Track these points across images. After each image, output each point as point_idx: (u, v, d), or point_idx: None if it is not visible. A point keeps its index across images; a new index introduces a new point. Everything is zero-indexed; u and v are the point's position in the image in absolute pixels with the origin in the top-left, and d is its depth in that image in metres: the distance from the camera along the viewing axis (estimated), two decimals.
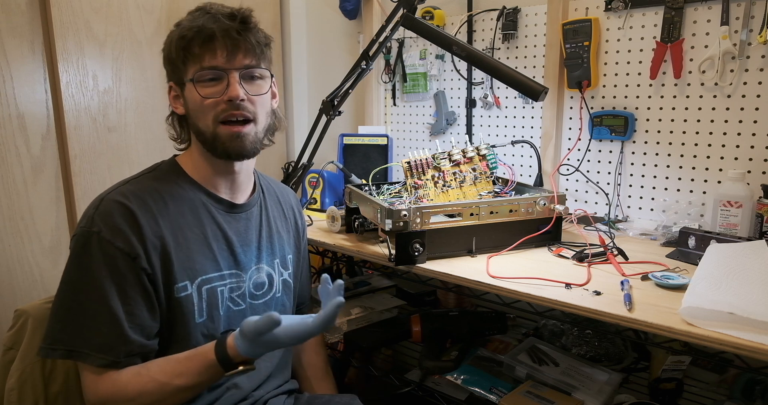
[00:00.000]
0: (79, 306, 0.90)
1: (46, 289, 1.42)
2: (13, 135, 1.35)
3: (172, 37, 0.98)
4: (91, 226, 0.91)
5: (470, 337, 1.44)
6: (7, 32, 1.32)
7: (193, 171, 1.04)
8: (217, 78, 0.96)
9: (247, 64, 0.98)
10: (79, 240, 0.91)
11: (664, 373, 1.30)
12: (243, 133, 0.98)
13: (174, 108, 1.04)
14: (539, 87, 1.24)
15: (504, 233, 1.25)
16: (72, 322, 0.89)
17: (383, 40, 1.44)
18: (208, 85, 0.96)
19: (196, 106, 0.97)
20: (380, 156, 1.79)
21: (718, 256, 1.04)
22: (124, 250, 0.90)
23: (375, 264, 1.56)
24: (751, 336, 0.79)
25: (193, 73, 0.96)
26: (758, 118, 1.29)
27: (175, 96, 1.03)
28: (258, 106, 1.00)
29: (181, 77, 0.99)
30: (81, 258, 0.90)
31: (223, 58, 0.95)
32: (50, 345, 0.89)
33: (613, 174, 1.54)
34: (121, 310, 0.90)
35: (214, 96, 0.96)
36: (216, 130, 0.97)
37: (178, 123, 1.07)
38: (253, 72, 0.99)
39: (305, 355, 1.29)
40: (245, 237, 1.07)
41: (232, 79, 0.96)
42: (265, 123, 1.04)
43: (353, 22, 2.02)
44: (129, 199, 0.93)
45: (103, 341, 0.89)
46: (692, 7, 1.34)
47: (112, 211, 0.92)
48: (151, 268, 0.93)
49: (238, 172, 1.06)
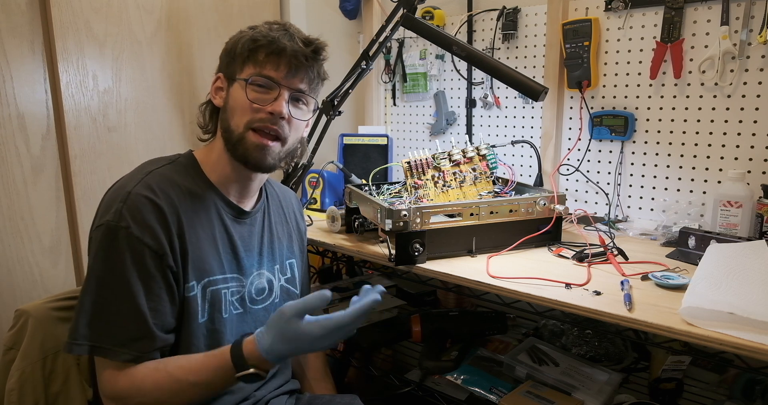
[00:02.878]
0: (105, 302, 0.90)
1: (46, 289, 1.42)
2: (13, 135, 1.35)
3: (243, 35, 1.01)
4: (119, 220, 0.90)
5: (470, 337, 1.44)
6: (7, 32, 1.32)
7: (209, 169, 1.04)
8: (269, 88, 0.98)
9: (301, 89, 1.01)
10: (106, 233, 0.90)
11: (664, 373, 1.30)
12: (269, 147, 0.99)
13: (213, 98, 1.06)
14: (539, 87, 1.24)
15: (504, 233, 1.25)
16: (98, 318, 0.89)
17: (383, 40, 1.44)
18: (259, 91, 0.98)
19: (238, 104, 0.99)
20: (380, 156, 1.79)
21: (718, 256, 1.04)
22: (152, 248, 0.90)
23: (375, 264, 1.56)
24: (751, 336, 0.79)
25: (249, 75, 0.98)
26: (758, 118, 1.29)
27: (219, 87, 1.04)
28: (293, 129, 1.02)
29: (234, 73, 1.00)
30: (109, 253, 0.90)
31: (283, 73, 0.98)
32: (75, 340, 0.89)
33: (613, 174, 1.54)
34: (146, 307, 0.90)
35: (260, 103, 0.98)
36: (245, 133, 0.98)
37: (209, 113, 1.08)
38: (303, 97, 1.03)
39: (304, 356, 1.29)
40: (249, 242, 1.08)
41: (282, 95, 0.98)
42: (292, 148, 1.06)
43: (353, 22, 2.02)
44: (156, 194, 0.93)
45: (129, 337, 0.89)
46: (692, 7, 1.34)
47: (140, 206, 0.91)
48: (176, 265, 0.93)
49: (254, 180, 1.07)
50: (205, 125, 1.08)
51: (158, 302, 0.92)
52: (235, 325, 1.03)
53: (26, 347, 1.01)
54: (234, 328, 1.03)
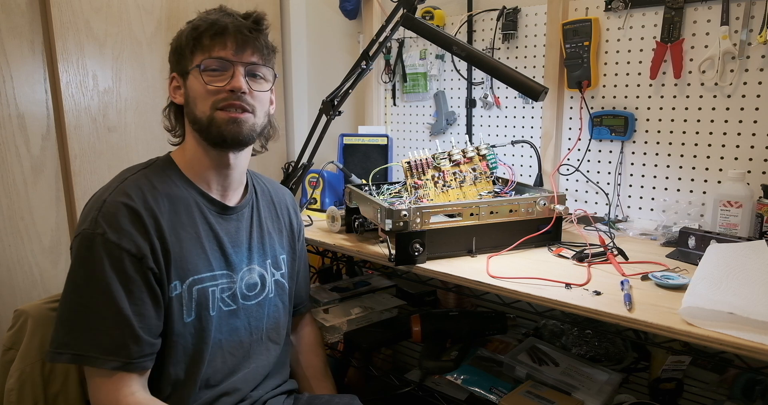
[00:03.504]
0: (85, 309, 0.89)
1: (46, 289, 1.42)
2: (13, 135, 1.35)
3: (183, 30, 1.01)
4: (95, 228, 0.90)
5: (470, 337, 1.44)
6: (7, 32, 1.32)
7: (186, 167, 1.04)
8: (222, 69, 0.98)
9: (254, 61, 1.00)
10: (82, 242, 0.90)
11: (664, 373, 1.30)
12: (240, 119, 0.99)
13: (173, 98, 1.05)
14: (539, 87, 1.24)
15: (504, 233, 1.25)
16: (78, 325, 0.89)
17: (383, 40, 1.44)
18: (213, 75, 0.98)
19: (197, 93, 0.99)
20: (380, 156, 1.79)
21: (718, 256, 1.04)
22: (130, 252, 0.90)
23: (375, 264, 1.56)
24: (751, 336, 0.79)
25: (200, 60, 0.98)
26: (758, 118, 1.29)
27: (176, 87, 1.04)
28: (257, 101, 1.02)
29: (186, 66, 1.00)
30: (86, 260, 0.90)
31: (231, 50, 0.98)
32: (56, 349, 0.88)
33: (613, 174, 1.53)
34: (130, 311, 0.89)
35: (217, 84, 0.97)
36: (213, 114, 0.98)
37: (174, 115, 1.08)
38: (258, 69, 1.02)
39: (304, 356, 1.29)
40: (236, 238, 1.07)
41: (237, 71, 0.98)
42: (263, 120, 1.05)
43: (353, 22, 2.02)
44: (131, 199, 0.93)
45: (113, 344, 0.88)
46: (692, 7, 1.34)
47: (115, 212, 0.91)
48: (157, 267, 0.93)
49: (233, 167, 1.06)
50: (173, 128, 1.08)
51: (141, 306, 0.91)
52: (223, 322, 1.03)
53: (25, 347, 1.01)
54: (221, 325, 1.03)
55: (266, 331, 1.11)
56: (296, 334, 1.31)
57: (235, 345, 1.05)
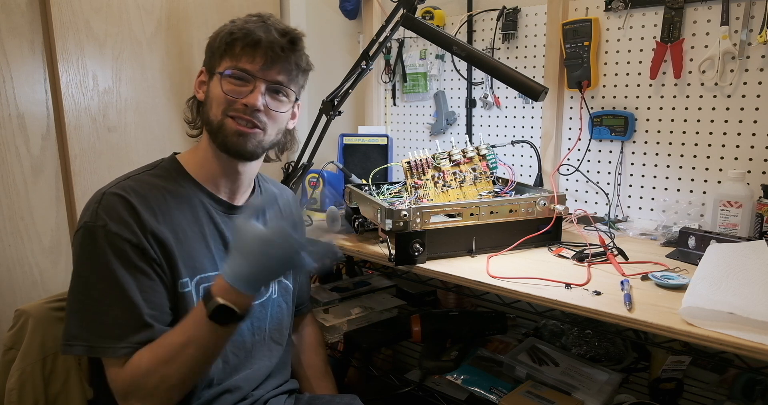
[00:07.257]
0: (95, 300, 0.89)
1: (46, 289, 1.42)
2: (13, 135, 1.35)
3: (223, 29, 1.01)
4: (95, 220, 0.90)
5: (470, 337, 1.44)
6: (7, 32, 1.32)
7: (195, 169, 1.04)
8: (244, 81, 0.98)
9: (278, 80, 1.00)
10: (85, 235, 0.90)
11: (664, 373, 1.30)
12: (248, 134, 0.99)
13: (195, 92, 1.06)
14: (539, 87, 1.24)
15: (504, 233, 1.25)
16: (88, 317, 0.89)
17: (383, 40, 1.44)
18: (235, 84, 0.98)
19: (215, 96, 0.99)
20: (380, 156, 1.79)
21: (718, 256, 1.04)
22: (132, 242, 0.90)
23: (375, 264, 1.56)
24: (751, 336, 0.79)
25: (225, 68, 0.98)
26: (758, 118, 1.29)
27: (201, 82, 1.05)
28: (271, 119, 1.01)
29: (213, 67, 1.01)
30: (90, 252, 0.90)
31: (259, 65, 0.98)
32: (68, 341, 0.89)
33: (613, 174, 1.54)
34: (139, 298, 0.90)
35: (235, 95, 0.97)
36: (223, 120, 0.98)
37: (196, 108, 1.08)
38: (281, 88, 1.01)
39: (304, 355, 1.29)
40: None
41: (257, 87, 0.98)
42: (274, 138, 1.05)
43: (353, 22, 2.02)
44: (128, 193, 0.94)
45: (126, 331, 0.88)
46: (692, 7, 1.34)
47: (114, 204, 0.92)
48: (158, 258, 0.93)
49: (242, 174, 1.06)
50: (193, 120, 1.09)
51: (150, 293, 0.91)
52: None
53: (26, 347, 1.01)
54: None
55: (269, 331, 1.11)
56: (297, 334, 1.31)
57: (237, 345, 1.05)
